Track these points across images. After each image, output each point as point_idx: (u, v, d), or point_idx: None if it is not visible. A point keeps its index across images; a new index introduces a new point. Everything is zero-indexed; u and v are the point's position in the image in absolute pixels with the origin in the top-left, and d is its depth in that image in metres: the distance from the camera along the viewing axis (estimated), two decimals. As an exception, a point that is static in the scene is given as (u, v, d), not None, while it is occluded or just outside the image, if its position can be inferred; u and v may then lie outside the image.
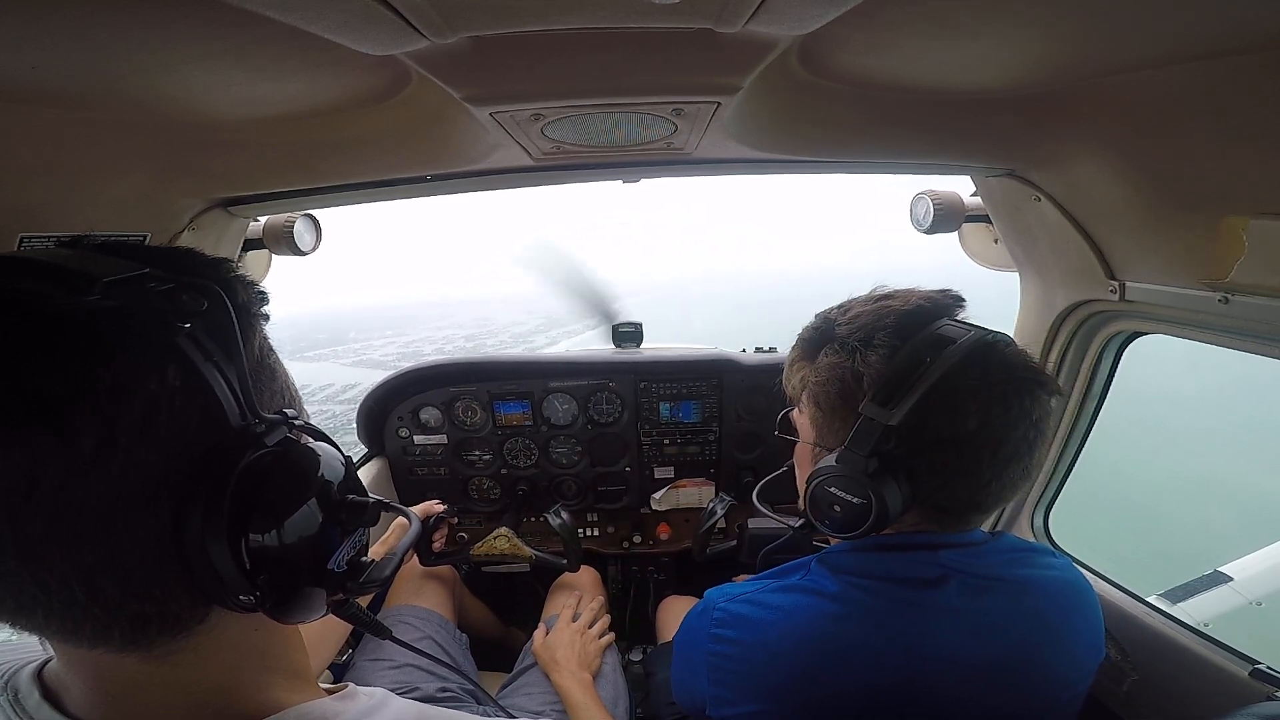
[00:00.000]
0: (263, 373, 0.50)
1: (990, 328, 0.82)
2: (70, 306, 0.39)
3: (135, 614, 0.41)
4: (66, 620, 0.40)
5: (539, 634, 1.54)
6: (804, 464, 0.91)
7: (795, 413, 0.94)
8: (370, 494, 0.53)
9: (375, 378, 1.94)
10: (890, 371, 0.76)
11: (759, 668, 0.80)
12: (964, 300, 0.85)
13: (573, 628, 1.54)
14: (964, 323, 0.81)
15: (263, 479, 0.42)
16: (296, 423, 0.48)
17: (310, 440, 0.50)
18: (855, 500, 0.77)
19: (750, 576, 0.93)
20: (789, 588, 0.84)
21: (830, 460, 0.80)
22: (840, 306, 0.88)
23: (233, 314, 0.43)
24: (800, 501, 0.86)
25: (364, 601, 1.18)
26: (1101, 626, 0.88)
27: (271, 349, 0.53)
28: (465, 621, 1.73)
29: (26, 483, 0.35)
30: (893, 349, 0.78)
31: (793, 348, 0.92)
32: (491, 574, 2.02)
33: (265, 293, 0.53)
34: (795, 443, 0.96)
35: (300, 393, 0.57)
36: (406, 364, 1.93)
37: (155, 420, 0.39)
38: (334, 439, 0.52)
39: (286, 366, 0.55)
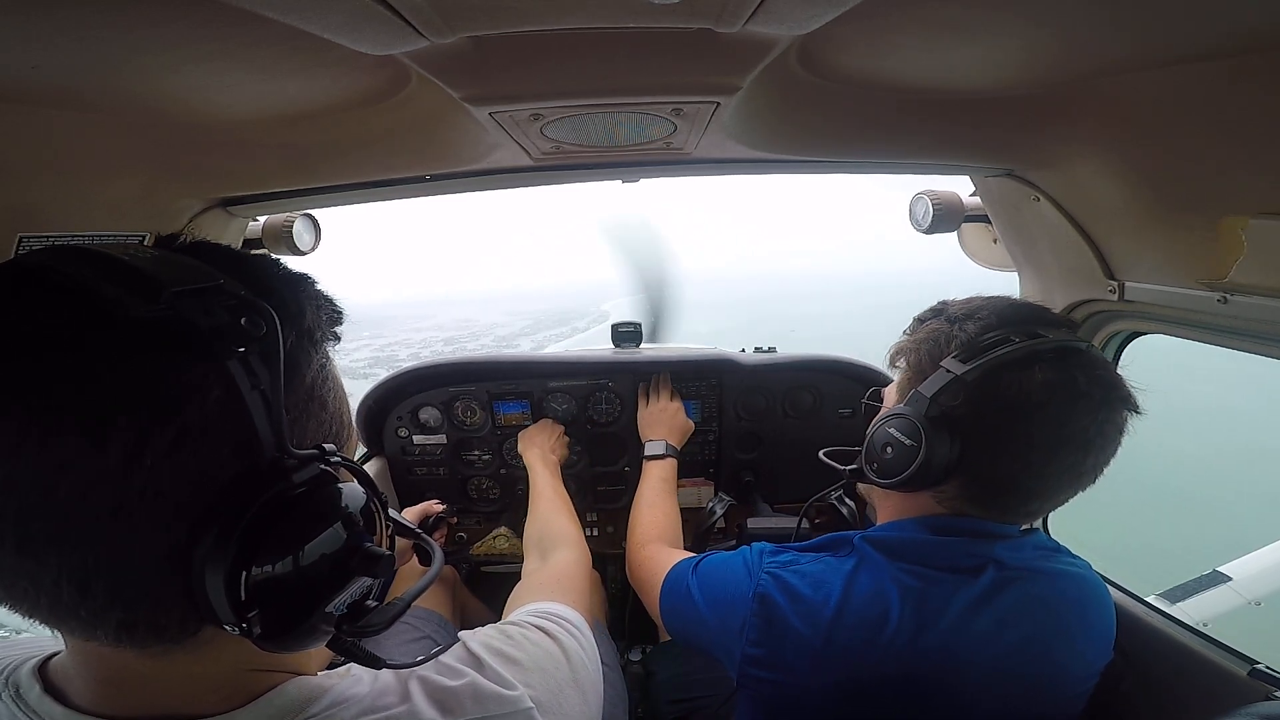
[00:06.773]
0: (311, 404, 0.49)
1: None
2: (127, 314, 0.37)
3: (121, 620, 0.40)
4: (54, 614, 0.39)
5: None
6: None
7: (888, 388, 0.98)
8: (398, 516, 0.50)
9: (348, 387, 1.93)
10: (979, 337, 0.80)
11: (803, 644, 0.80)
12: (1075, 330, 0.89)
13: (548, 423, 1.81)
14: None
15: (276, 517, 0.41)
16: (333, 459, 0.46)
17: (343, 480, 0.47)
18: (907, 442, 0.81)
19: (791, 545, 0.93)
20: (835, 568, 0.85)
21: (898, 405, 0.85)
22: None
23: (281, 345, 0.41)
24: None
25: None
26: (1113, 628, 0.88)
27: (328, 377, 0.51)
28: (465, 621, 1.73)
29: (46, 485, 0.35)
30: (988, 324, 0.82)
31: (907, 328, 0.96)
32: (491, 574, 2.02)
33: (340, 313, 0.52)
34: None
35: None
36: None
37: (186, 443, 0.38)
38: (371, 478, 0.50)
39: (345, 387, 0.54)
